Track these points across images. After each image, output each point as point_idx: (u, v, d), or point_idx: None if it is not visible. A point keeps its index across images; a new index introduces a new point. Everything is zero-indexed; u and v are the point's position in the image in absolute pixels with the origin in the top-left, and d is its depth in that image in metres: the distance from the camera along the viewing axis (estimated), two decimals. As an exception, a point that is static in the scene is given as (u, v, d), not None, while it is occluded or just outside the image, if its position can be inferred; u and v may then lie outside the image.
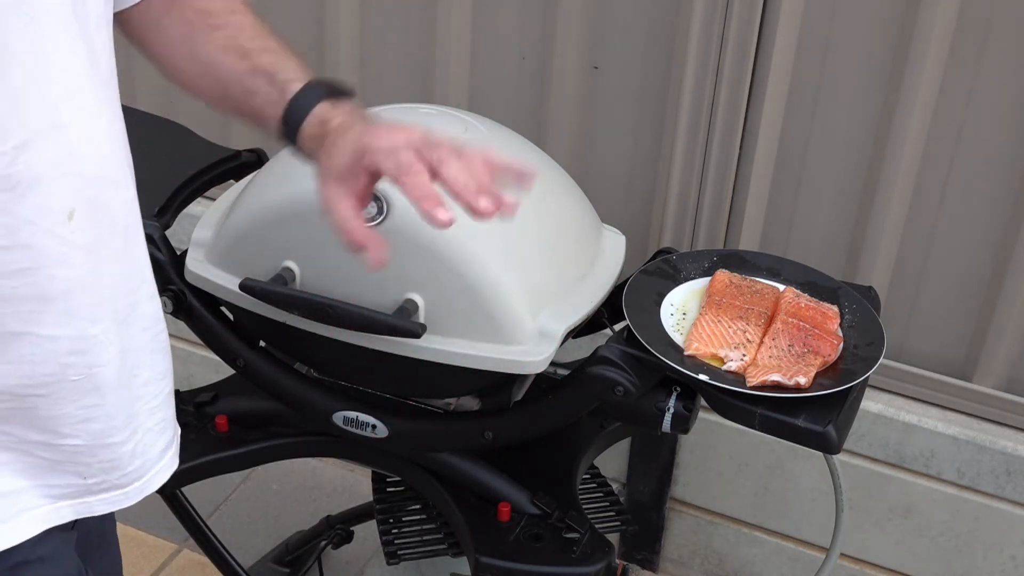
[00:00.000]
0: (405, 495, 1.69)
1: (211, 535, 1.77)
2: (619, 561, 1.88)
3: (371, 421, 1.52)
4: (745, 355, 1.34)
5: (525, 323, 1.38)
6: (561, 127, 1.95)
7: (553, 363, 1.48)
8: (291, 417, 1.59)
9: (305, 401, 1.55)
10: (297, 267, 1.41)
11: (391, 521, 1.65)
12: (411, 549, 1.62)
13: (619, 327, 1.44)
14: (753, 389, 1.30)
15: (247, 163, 1.67)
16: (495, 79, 1.97)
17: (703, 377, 1.31)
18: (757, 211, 1.89)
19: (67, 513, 1.08)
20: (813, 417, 1.29)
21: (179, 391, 1.25)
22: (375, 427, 1.52)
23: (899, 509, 1.99)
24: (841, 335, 1.40)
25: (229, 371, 1.60)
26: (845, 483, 1.63)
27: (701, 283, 1.47)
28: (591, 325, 1.54)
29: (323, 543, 2.08)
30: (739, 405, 1.30)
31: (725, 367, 1.33)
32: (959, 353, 1.89)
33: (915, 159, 1.77)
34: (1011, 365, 1.86)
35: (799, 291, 1.45)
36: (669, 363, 1.32)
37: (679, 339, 1.37)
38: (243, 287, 1.41)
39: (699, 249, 1.89)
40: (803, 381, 1.30)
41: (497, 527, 1.49)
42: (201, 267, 1.49)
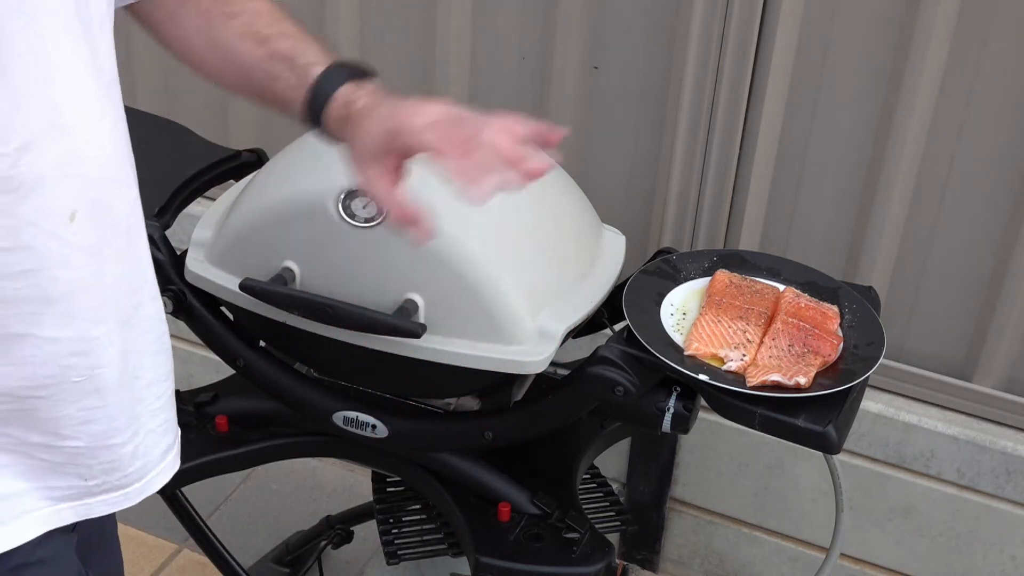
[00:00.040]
0: (405, 495, 1.69)
1: (211, 535, 1.77)
2: (619, 561, 1.88)
3: (371, 421, 1.52)
4: (745, 355, 1.34)
5: (525, 323, 1.38)
6: (561, 127, 1.95)
7: (553, 363, 1.48)
8: (291, 417, 1.59)
9: (305, 401, 1.55)
10: (297, 267, 1.41)
11: (391, 521, 1.65)
12: (411, 549, 1.62)
13: (619, 327, 1.44)
14: (753, 389, 1.30)
15: (247, 163, 1.67)
16: (495, 79, 1.97)
17: (703, 377, 1.31)
18: (757, 211, 1.89)
19: (68, 515, 1.07)
20: (813, 417, 1.29)
21: (179, 391, 1.25)
22: (375, 427, 1.52)
23: (899, 509, 1.99)
24: (841, 335, 1.40)
25: (229, 371, 1.60)
26: (845, 483, 1.63)
27: (701, 283, 1.47)
28: (591, 325, 1.54)
29: (323, 543, 2.08)
30: (739, 405, 1.30)
31: (725, 367, 1.33)
32: (959, 353, 1.89)
33: (915, 159, 1.76)
34: (1011, 365, 1.86)
35: (799, 291, 1.45)
36: (669, 363, 1.32)
37: (679, 339, 1.37)
38: (243, 287, 1.41)
39: (699, 249, 1.89)
40: (803, 381, 1.30)
41: (497, 527, 1.49)
42: (201, 267, 1.49)
